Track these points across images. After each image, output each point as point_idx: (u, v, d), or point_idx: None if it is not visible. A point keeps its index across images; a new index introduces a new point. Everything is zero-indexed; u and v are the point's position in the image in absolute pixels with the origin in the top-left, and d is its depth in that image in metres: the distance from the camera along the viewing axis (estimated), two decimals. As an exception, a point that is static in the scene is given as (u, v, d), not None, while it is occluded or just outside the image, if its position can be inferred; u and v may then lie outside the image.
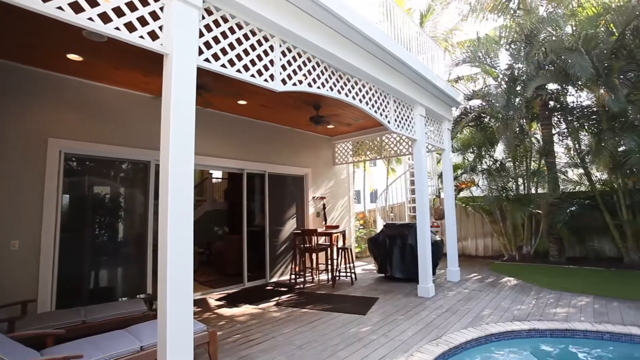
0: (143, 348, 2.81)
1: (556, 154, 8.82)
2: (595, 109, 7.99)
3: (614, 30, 7.54)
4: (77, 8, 2.12)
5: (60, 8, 2.05)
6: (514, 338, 3.95)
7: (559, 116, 8.81)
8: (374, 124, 7.74)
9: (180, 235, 2.34)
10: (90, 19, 2.17)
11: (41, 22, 3.10)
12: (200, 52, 2.68)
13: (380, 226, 9.94)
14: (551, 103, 8.72)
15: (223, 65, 2.92)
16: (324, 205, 8.59)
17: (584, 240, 8.36)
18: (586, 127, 8.31)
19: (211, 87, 4.97)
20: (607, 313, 4.53)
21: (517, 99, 8.31)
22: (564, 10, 8.84)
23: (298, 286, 6.67)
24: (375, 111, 5.02)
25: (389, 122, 5.32)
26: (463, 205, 9.97)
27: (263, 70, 3.29)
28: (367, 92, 4.90)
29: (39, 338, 2.84)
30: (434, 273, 6.72)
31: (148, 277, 5.17)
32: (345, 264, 6.99)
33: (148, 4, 2.44)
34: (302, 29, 3.58)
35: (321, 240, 7.47)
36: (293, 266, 6.94)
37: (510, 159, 9.17)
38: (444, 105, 7.13)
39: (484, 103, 9.06)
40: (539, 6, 9.54)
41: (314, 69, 3.97)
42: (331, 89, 4.21)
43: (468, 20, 11.61)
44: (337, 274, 6.96)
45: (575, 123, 8.49)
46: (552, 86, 8.47)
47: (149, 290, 5.08)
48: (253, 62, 3.20)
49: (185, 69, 2.49)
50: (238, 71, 3.05)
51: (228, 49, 2.96)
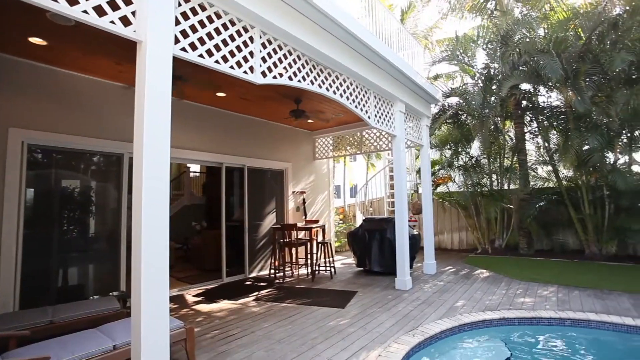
0: (116, 347, 2.73)
1: (527, 152, 9.18)
2: (563, 110, 8.35)
3: (582, 34, 7.89)
4: (40, -13, 1.98)
5: (21, -13, 1.92)
6: (486, 327, 4.11)
7: (531, 115, 9.15)
8: (355, 119, 7.78)
9: (155, 230, 2.28)
10: (54, 0, 2.03)
11: None
12: (176, 41, 2.60)
13: (359, 221, 10.05)
14: (524, 102, 9.04)
15: (201, 55, 2.84)
16: (304, 199, 8.59)
17: (551, 233, 8.77)
18: (555, 126, 8.68)
19: (189, 78, 4.84)
20: (569, 301, 4.78)
21: (493, 98, 8.56)
22: (537, 13, 9.15)
23: (277, 281, 6.65)
24: (355, 106, 5.04)
25: (369, 118, 5.36)
26: (440, 200, 10.22)
27: (242, 62, 3.23)
28: (348, 87, 4.91)
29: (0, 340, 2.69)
30: (412, 266, 6.87)
31: (122, 274, 5.01)
32: (324, 258, 7.03)
33: (120, -13, 2.32)
34: (283, 21, 3.53)
35: (301, 234, 7.48)
36: (272, 261, 6.92)
37: (485, 156, 9.47)
38: (423, 102, 7.24)
39: (462, 101, 9.29)
40: (515, 8, 9.82)
41: (295, 62, 3.93)
42: (312, 83, 4.19)
43: (448, 18, 11.84)
44: (317, 268, 6.99)
45: (545, 122, 8.86)
46: (525, 86, 8.78)
47: (123, 287, 4.93)
48: (232, 54, 3.13)
49: (160, 58, 2.40)
50: (217, 62, 2.98)
51: (206, 39, 2.88)
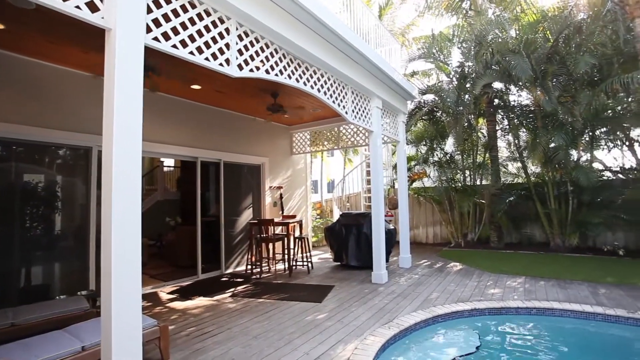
0: (85, 348, 2.62)
1: (499, 149, 9.51)
2: (532, 108, 8.70)
3: (550, 37, 8.24)
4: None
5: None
6: (458, 318, 4.25)
7: (502, 113, 9.48)
8: (332, 114, 7.79)
9: (126, 226, 2.19)
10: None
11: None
12: (148, 30, 2.49)
13: (336, 216, 10.11)
14: (496, 101, 9.34)
15: (174, 46, 2.74)
16: (281, 195, 8.54)
17: (520, 227, 9.16)
18: (524, 125, 9.05)
19: (162, 69, 4.67)
20: (535, 291, 5.03)
21: (467, 96, 8.81)
22: (509, 14, 9.45)
23: (254, 276, 6.60)
24: (333, 101, 5.05)
25: (347, 113, 5.38)
26: (415, 195, 10.44)
27: (218, 53, 3.15)
28: (326, 82, 4.90)
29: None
30: (388, 260, 6.99)
31: (91, 273, 4.81)
32: (302, 253, 7.04)
33: (86, -29, 2.19)
34: (260, 13, 3.46)
35: (278, 230, 7.44)
36: (249, 256, 6.85)
37: (459, 152, 9.74)
38: (400, 98, 7.34)
39: (437, 98, 9.50)
40: (488, 9, 10.10)
41: (272, 56, 3.88)
42: (289, 77, 4.15)
43: (424, 16, 12.01)
44: (294, 264, 7.00)
45: (515, 120, 9.21)
46: (498, 85, 9.07)
47: (92, 286, 4.74)
48: (208, 45, 3.05)
49: (130, 48, 2.29)
50: (191, 53, 2.89)
51: (180, 29, 2.78)
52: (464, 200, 8.80)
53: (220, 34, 3.17)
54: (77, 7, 2.13)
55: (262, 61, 3.73)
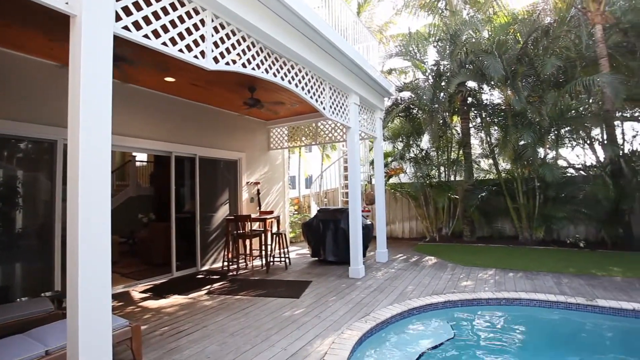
0: (49, 352, 2.49)
1: (472, 146, 9.82)
2: (503, 107, 9.02)
3: (520, 39, 8.56)
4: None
5: None
6: (432, 310, 4.38)
7: (475, 111, 9.78)
8: (310, 110, 7.77)
9: (94, 223, 2.10)
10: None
11: None
12: (117, 18, 2.38)
13: (314, 211, 10.13)
14: (470, 99, 9.62)
15: (146, 36, 2.63)
16: (258, 190, 8.45)
17: (491, 221, 9.50)
18: (496, 123, 9.37)
19: (133, 60, 4.49)
20: (504, 283, 5.24)
21: (442, 94, 9.02)
22: (483, 15, 9.73)
23: (231, 273, 6.52)
24: (311, 97, 5.03)
25: (324, 109, 5.38)
26: (392, 191, 10.61)
27: (193, 45, 3.06)
28: (304, 77, 4.87)
29: None
30: (365, 255, 7.09)
31: (56, 273, 4.58)
32: (279, 249, 7.01)
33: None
34: (236, 5, 3.38)
35: (255, 225, 7.37)
36: (226, 253, 6.75)
37: (434, 149, 9.97)
38: (377, 95, 7.41)
39: (413, 95, 9.67)
40: (463, 10, 10.34)
41: (249, 49, 3.81)
42: (266, 71, 4.10)
43: (402, 14, 12.15)
44: (271, 260, 6.96)
45: (487, 118, 9.52)
46: (471, 84, 9.34)
47: (58, 287, 4.52)
48: (182, 36, 2.95)
49: (98, 36, 2.18)
50: (164, 44, 2.79)
51: (152, 19, 2.68)
52: (439, 195, 9.03)
53: (195, 26, 3.08)
54: (39, -9, 2.00)
55: (239, 54, 3.66)
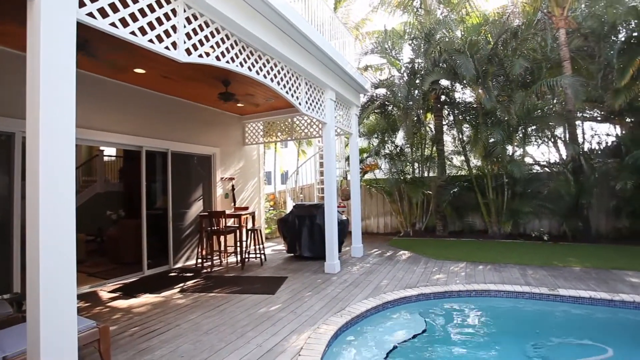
0: (7, 358, 2.35)
1: (445, 142, 10.08)
2: (475, 106, 9.31)
3: (491, 40, 8.85)
4: None
5: None
6: (406, 303, 4.48)
7: (448, 109, 10.04)
8: (286, 105, 7.70)
9: (57, 221, 1.99)
10: None
11: None
12: (81, 4, 2.25)
13: (290, 207, 10.10)
14: (443, 97, 9.85)
15: (113, 24, 2.51)
16: (233, 186, 8.32)
17: (462, 216, 9.82)
18: (468, 121, 9.67)
19: (99, 49, 4.28)
20: (474, 275, 5.45)
21: (416, 91, 9.19)
22: (456, 16, 9.97)
23: (205, 270, 6.40)
24: (286, 92, 4.98)
25: (300, 104, 5.35)
26: (367, 186, 10.74)
27: (164, 36, 2.95)
28: (279, 72, 4.81)
29: None
30: (340, 250, 7.15)
31: (15, 274, 4.31)
32: (254, 246, 6.95)
33: None
34: (210, -4, 3.29)
35: (230, 222, 7.26)
36: (200, 250, 6.62)
37: (408, 145, 10.17)
38: (353, 91, 7.45)
39: (389, 92, 9.79)
40: (437, 9, 10.56)
41: (223, 42, 3.72)
42: (241, 65, 4.02)
43: (378, 12, 12.26)
44: (247, 256, 6.89)
45: (460, 116, 9.81)
46: (445, 82, 9.56)
47: (17, 288, 4.27)
48: (152, 26, 2.84)
49: (59, 22, 2.05)
50: (133, 34, 2.67)
51: (119, 6, 2.56)
52: (413, 191, 9.23)
53: (166, 15, 2.97)
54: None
55: (213, 47, 3.56)
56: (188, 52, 3.22)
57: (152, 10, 2.83)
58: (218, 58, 3.64)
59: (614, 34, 8.29)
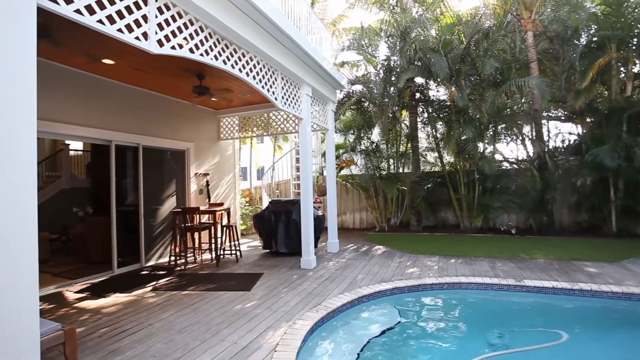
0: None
1: (419, 139, 10.30)
2: (448, 104, 9.57)
3: (464, 40, 9.10)
4: None
5: None
6: (381, 297, 4.57)
7: (423, 106, 10.26)
8: (261, 100, 7.61)
9: (14, 219, 1.88)
10: None
11: None
12: (42, -11, 2.13)
13: (266, 203, 10.02)
14: (418, 94, 10.05)
15: (78, 11, 2.39)
16: (208, 182, 8.15)
17: (436, 211, 10.10)
18: (441, 118, 9.93)
19: (63, 37, 4.06)
20: (447, 268, 5.63)
21: (392, 88, 9.31)
22: (431, 15, 10.17)
23: (179, 268, 6.26)
24: (262, 87, 4.92)
25: (276, 99, 5.30)
26: (343, 182, 10.83)
27: (134, 26, 2.84)
28: (255, 66, 4.75)
29: None
30: (316, 246, 7.18)
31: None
32: (230, 242, 6.86)
33: None
34: (183, -15, 3.19)
35: (204, 218, 7.12)
36: (173, 247, 6.46)
37: (384, 142, 10.32)
38: (330, 87, 7.46)
39: (365, 89, 9.88)
40: (412, 8, 10.71)
41: (197, 34, 3.62)
42: (216, 58, 3.93)
43: (355, 8, 12.26)
44: (222, 253, 6.79)
45: (434, 114, 10.05)
46: (419, 80, 9.75)
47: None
48: (121, 15, 2.72)
49: (17, 7, 1.93)
50: (100, 22, 2.55)
51: (85, -8, 2.43)
52: (389, 187, 9.39)
53: (136, 4, 2.86)
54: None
55: (186, 39, 3.46)
56: (160, 44, 3.11)
57: (121, -2, 2.71)
58: (192, 50, 3.54)
59: (577, 38, 8.74)
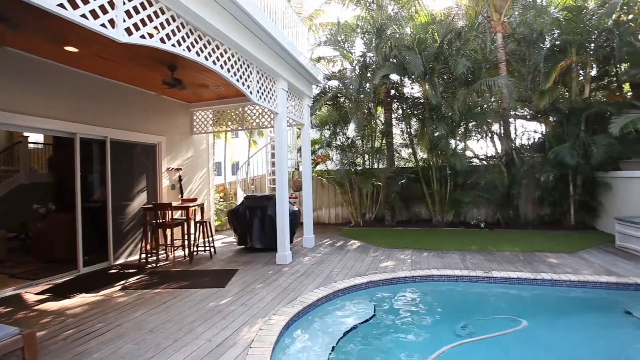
0: None
1: (394, 135, 10.48)
2: (422, 101, 9.77)
3: (437, 38, 9.31)
4: None
5: None
6: (356, 291, 4.63)
7: (398, 103, 10.42)
8: (236, 94, 7.47)
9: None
10: None
11: None
12: (-4, -31, 1.97)
13: (241, 198, 9.89)
14: (393, 91, 10.19)
15: (37, -6, 2.23)
16: (180, 177, 7.93)
17: (409, 206, 10.33)
18: (415, 115, 10.13)
19: (20, 21, 3.80)
20: (420, 262, 5.78)
21: (368, 85, 9.40)
22: (406, 13, 10.32)
23: (150, 266, 6.06)
24: (237, 80, 4.83)
25: (252, 93, 5.22)
26: (319, 177, 10.85)
27: (99, 11, 2.69)
28: (229, 59, 4.64)
29: None
30: (292, 241, 7.17)
31: None
32: (203, 238, 6.72)
33: None
34: (153, -28, 3.06)
35: (177, 214, 6.93)
36: (144, 244, 6.25)
37: (359, 137, 10.41)
38: (306, 82, 7.42)
39: (341, 85, 9.92)
40: (388, 5, 10.81)
41: (169, 23, 3.49)
42: (189, 49, 3.81)
43: (332, 3, 12.22)
44: (195, 249, 6.64)
45: (408, 110, 10.24)
46: (395, 77, 9.89)
47: None
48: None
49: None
50: (61, 6, 2.40)
51: (44, -26, 2.28)
52: (364, 182, 9.51)
53: (101, -11, 2.70)
54: None
55: (157, 28, 3.33)
56: (128, 32, 2.98)
57: (85, -18, 2.56)
58: (163, 40, 3.41)
59: (542, 41, 9.15)
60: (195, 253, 6.62)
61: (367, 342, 3.54)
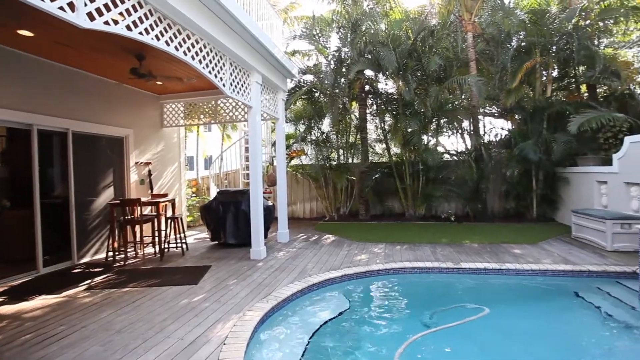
0: None
1: (368, 131, 10.59)
2: (396, 97, 9.92)
3: (411, 36, 9.46)
4: None
5: None
6: (331, 284, 4.67)
7: (372, 99, 10.53)
8: (209, 86, 7.25)
9: None
10: None
11: None
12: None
13: (214, 193, 9.68)
14: (367, 87, 10.28)
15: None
16: (150, 171, 7.65)
17: (383, 200, 10.50)
18: (389, 110, 10.27)
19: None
20: (392, 255, 5.90)
21: (343, 80, 9.42)
22: (381, 9, 10.39)
23: (118, 264, 5.82)
24: (209, 72, 4.69)
25: (224, 86, 5.09)
26: (294, 172, 10.80)
27: (57, -7, 2.51)
28: (201, 49, 4.50)
29: None
30: (266, 236, 7.11)
31: None
32: (175, 235, 6.52)
33: None
34: (118, -46, 2.89)
35: (147, 210, 6.68)
36: (111, 242, 5.98)
37: (334, 132, 10.45)
38: (280, 75, 7.33)
39: (316, 79, 9.89)
40: (364, 1, 10.85)
41: (136, 10, 3.32)
42: (157, 39, 3.65)
43: (306, -4, 12.12)
44: (166, 246, 6.44)
45: (382, 106, 10.36)
46: (369, 72, 9.97)
47: None
48: (40, -20, 2.39)
49: None
50: (14, -13, 2.22)
51: (-6, -50, 2.09)
52: (338, 177, 9.56)
53: (59, -31, 2.52)
54: None
55: (122, 14, 3.16)
56: (91, 17, 2.80)
57: (41, -39, 2.38)
58: (129, 28, 3.24)
59: (509, 42, 9.51)
60: (166, 250, 6.43)
61: (342, 335, 3.58)
